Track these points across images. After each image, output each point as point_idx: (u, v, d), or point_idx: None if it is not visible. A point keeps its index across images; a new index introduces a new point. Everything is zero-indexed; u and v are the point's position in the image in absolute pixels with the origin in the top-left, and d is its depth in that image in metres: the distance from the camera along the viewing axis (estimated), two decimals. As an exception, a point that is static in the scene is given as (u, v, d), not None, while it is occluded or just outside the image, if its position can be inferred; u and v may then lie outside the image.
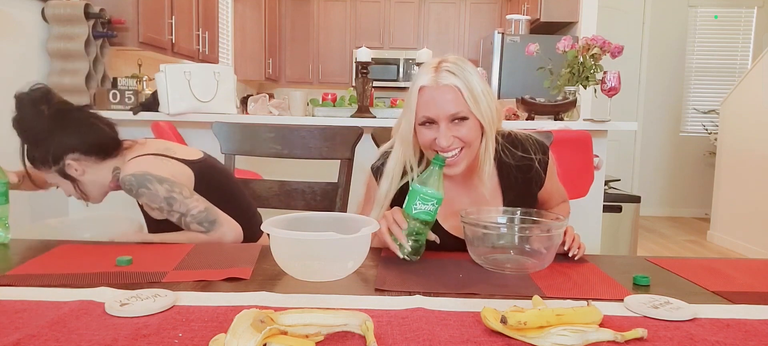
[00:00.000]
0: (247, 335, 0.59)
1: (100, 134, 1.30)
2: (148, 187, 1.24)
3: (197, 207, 1.27)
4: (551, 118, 2.75)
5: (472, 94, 1.06)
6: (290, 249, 0.93)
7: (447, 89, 1.05)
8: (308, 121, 2.73)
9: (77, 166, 1.28)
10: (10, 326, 0.69)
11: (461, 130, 1.07)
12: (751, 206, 4.01)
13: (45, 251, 1.07)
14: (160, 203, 1.25)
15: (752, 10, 5.42)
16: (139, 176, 1.25)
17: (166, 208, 1.26)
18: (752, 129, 4.04)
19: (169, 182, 1.26)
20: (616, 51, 2.64)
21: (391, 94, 5.83)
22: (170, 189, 1.26)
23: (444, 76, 1.06)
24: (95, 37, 2.66)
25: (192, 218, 1.27)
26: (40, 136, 1.24)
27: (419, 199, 1.00)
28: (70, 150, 1.26)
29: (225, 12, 4.83)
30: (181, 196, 1.27)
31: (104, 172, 1.32)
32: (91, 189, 1.33)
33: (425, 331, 0.69)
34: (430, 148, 1.11)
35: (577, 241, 1.08)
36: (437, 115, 1.06)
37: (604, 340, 0.68)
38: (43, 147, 1.25)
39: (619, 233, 3.29)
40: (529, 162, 1.19)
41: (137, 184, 1.24)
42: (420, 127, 1.10)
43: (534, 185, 1.23)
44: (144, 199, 1.26)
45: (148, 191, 1.25)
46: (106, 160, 1.31)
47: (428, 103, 1.07)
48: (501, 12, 5.83)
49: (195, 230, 1.28)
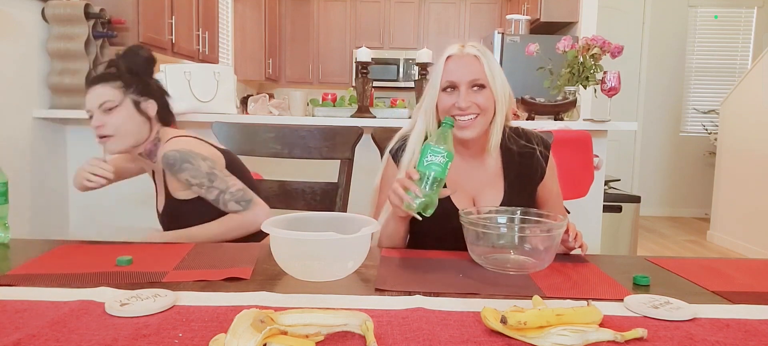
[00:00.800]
0: (247, 335, 0.59)
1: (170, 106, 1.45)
2: (191, 162, 1.32)
3: (235, 185, 1.36)
4: (551, 118, 2.75)
5: (490, 70, 1.20)
6: (290, 249, 0.93)
7: (470, 58, 1.20)
8: (308, 121, 2.73)
9: (151, 109, 1.38)
10: (10, 326, 0.69)
11: (479, 97, 1.19)
12: (751, 206, 4.01)
13: (45, 251, 1.07)
14: (202, 178, 1.32)
15: (752, 10, 5.42)
16: (184, 152, 1.33)
17: (206, 183, 1.33)
18: (752, 129, 4.04)
19: (210, 160, 1.36)
20: (616, 51, 2.64)
21: (391, 94, 5.83)
22: (212, 166, 1.35)
23: (468, 48, 1.21)
24: (95, 37, 2.65)
25: (231, 196, 1.34)
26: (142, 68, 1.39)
27: (430, 152, 1.02)
28: (155, 97, 1.39)
29: (225, 12, 4.83)
30: (222, 174, 1.36)
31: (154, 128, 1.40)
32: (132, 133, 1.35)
33: (425, 331, 0.69)
34: (448, 113, 1.20)
35: (580, 238, 1.08)
36: (459, 79, 1.18)
37: (604, 340, 0.68)
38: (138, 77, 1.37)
39: (619, 233, 3.29)
40: (531, 150, 1.28)
41: (181, 159, 1.32)
42: (442, 94, 1.21)
43: (535, 174, 1.29)
44: (186, 174, 1.32)
45: (191, 166, 1.32)
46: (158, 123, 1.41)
47: (452, 69, 1.20)
48: (501, 12, 5.83)
49: (231, 209, 1.34)
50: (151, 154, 1.41)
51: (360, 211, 1.19)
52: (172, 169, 1.33)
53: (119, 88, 1.34)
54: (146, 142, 1.39)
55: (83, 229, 2.84)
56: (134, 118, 1.35)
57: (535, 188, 1.30)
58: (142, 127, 1.37)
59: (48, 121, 2.66)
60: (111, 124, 1.33)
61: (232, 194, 1.35)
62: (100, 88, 1.34)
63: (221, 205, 1.35)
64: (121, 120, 1.33)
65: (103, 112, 1.33)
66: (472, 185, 1.27)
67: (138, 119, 1.36)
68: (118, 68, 1.36)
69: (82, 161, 1.37)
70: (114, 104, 1.33)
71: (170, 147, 1.35)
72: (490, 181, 1.27)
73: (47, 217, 2.68)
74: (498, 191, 1.26)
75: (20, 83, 2.48)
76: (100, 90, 1.33)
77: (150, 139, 1.39)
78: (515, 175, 1.27)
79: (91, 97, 1.34)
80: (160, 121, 1.41)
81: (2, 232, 1.15)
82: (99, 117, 1.33)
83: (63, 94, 2.61)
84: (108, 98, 1.33)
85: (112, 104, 1.33)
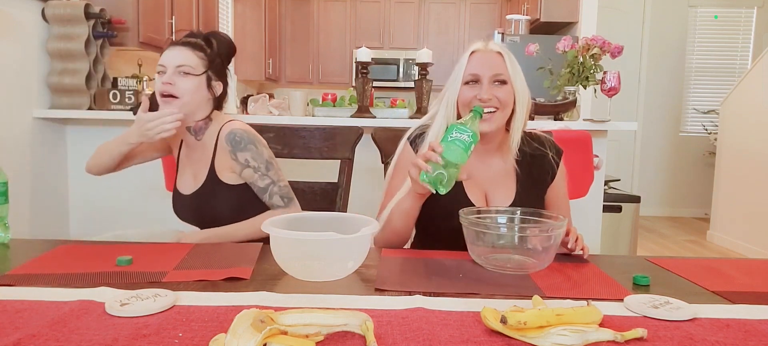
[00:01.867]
0: (247, 335, 0.59)
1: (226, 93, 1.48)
2: (256, 146, 1.38)
3: (284, 181, 1.41)
4: (551, 118, 2.74)
5: (513, 67, 1.23)
6: (290, 249, 0.93)
7: (494, 54, 1.24)
8: (308, 121, 2.73)
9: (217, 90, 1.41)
10: (10, 326, 0.69)
11: (500, 92, 1.21)
12: (751, 206, 4.01)
13: (45, 251, 1.07)
14: (261, 163, 1.37)
15: (752, 10, 5.42)
16: (251, 133, 1.39)
17: (262, 170, 1.37)
18: (752, 129, 4.04)
19: (269, 151, 1.42)
20: (616, 51, 2.64)
21: (391, 94, 5.83)
22: (271, 157, 1.41)
23: (492, 45, 1.25)
24: (95, 37, 2.65)
25: (278, 189, 1.39)
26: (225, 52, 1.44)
27: (456, 130, 1.05)
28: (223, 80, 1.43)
29: (225, 12, 4.83)
30: (277, 165, 1.41)
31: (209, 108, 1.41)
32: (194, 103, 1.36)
33: (425, 331, 0.69)
34: (470, 106, 1.21)
35: (581, 241, 1.09)
36: (482, 72, 1.21)
37: (604, 340, 0.68)
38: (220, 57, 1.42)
39: (619, 233, 3.29)
40: (543, 153, 1.31)
41: (248, 139, 1.37)
42: (464, 87, 1.23)
43: (545, 176, 1.32)
44: (248, 154, 1.36)
45: (255, 149, 1.37)
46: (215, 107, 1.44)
47: (475, 63, 1.23)
48: (501, 12, 5.83)
49: (274, 203, 1.39)
50: (199, 132, 1.42)
51: (360, 211, 1.18)
52: (237, 147, 1.35)
53: (202, 59, 1.37)
54: (201, 119, 1.40)
55: (83, 229, 2.84)
56: (202, 92, 1.37)
57: (545, 191, 1.32)
58: (204, 104, 1.39)
59: (48, 121, 2.66)
60: (181, 87, 1.33)
61: (280, 188, 1.39)
62: (186, 51, 1.35)
63: (266, 195, 1.38)
64: (192, 88, 1.34)
65: (178, 74, 1.33)
66: (485, 180, 1.29)
67: (205, 94, 1.38)
68: (208, 44, 1.40)
69: (81, 161, 1.36)
70: (193, 72, 1.34)
71: (236, 126, 1.38)
72: (502, 179, 1.29)
73: (47, 217, 2.68)
74: (510, 190, 1.28)
75: (20, 83, 2.48)
76: (185, 53, 1.35)
77: (203, 115, 1.41)
78: (527, 176, 1.29)
79: (171, 55, 1.34)
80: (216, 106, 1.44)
81: (2, 232, 1.15)
82: (172, 76, 1.33)
83: (63, 94, 2.61)
84: (189, 63, 1.34)
85: (191, 70, 1.34)
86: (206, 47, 1.39)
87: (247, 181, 1.39)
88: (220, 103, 1.45)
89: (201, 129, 1.41)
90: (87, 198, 2.84)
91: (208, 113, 1.41)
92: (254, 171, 1.37)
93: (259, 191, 1.39)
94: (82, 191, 2.83)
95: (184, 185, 1.45)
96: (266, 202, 1.40)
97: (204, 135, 1.41)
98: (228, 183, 1.39)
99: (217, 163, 1.39)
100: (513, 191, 1.28)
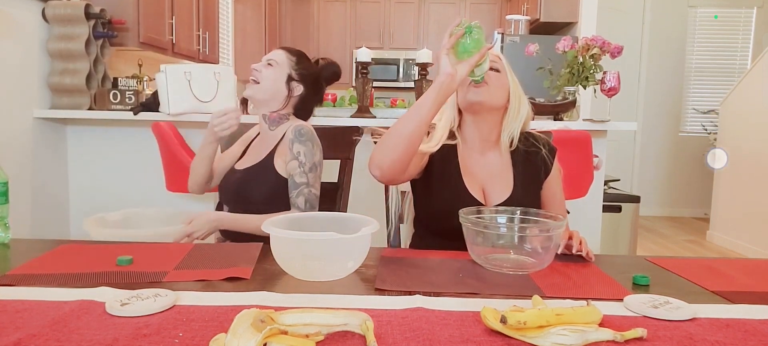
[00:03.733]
0: (247, 335, 0.59)
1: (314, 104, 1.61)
2: (312, 145, 1.46)
3: (317, 190, 1.47)
4: (551, 118, 2.74)
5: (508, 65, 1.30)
6: (290, 249, 0.93)
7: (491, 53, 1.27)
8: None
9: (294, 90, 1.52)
10: (11, 326, 0.69)
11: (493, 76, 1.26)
12: (750, 206, 4.01)
13: (45, 251, 1.07)
14: (310, 161, 1.45)
15: (752, 10, 5.42)
16: (314, 136, 1.48)
17: (306, 168, 1.44)
18: (752, 129, 4.04)
19: (320, 158, 1.50)
20: (616, 51, 2.64)
21: (391, 94, 5.83)
22: (319, 162, 1.49)
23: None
24: (96, 38, 2.65)
25: (308, 192, 1.44)
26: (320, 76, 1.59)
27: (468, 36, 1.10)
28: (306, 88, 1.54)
29: (225, 12, 4.83)
30: (319, 174, 1.49)
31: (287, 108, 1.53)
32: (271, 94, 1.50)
33: (425, 331, 0.69)
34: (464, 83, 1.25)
35: (585, 244, 1.09)
36: None
37: (603, 340, 0.68)
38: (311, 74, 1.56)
39: (619, 233, 3.29)
40: (537, 149, 1.34)
41: (309, 136, 1.46)
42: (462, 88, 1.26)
43: (539, 172, 1.34)
44: (302, 147, 1.44)
45: (311, 148, 1.45)
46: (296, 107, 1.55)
47: None
48: (501, 12, 5.83)
49: (297, 204, 1.43)
50: (273, 123, 1.53)
51: (360, 211, 1.18)
52: (298, 138, 1.44)
53: (289, 59, 1.52)
54: (277, 111, 1.52)
55: (83, 229, 2.83)
56: (279, 84, 1.50)
57: (540, 186, 1.35)
58: (279, 96, 1.51)
59: (48, 121, 2.66)
60: (264, 75, 1.49)
61: (310, 192, 1.44)
62: (279, 51, 1.53)
63: (296, 192, 1.43)
64: (271, 77, 1.49)
65: (265, 64, 1.50)
66: (483, 174, 1.32)
67: (281, 88, 1.50)
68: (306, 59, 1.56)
69: (82, 161, 1.37)
70: (275, 64, 1.50)
71: (306, 124, 1.50)
72: (500, 174, 1.32)
73: (47, 217, 2.68)
74: (507, 185, 1.30)
75: (20, 83, 2.48)
76: (278, 52, 1.53)
77: (281, 111, 1.52)
78: (522, 171, 1.32)
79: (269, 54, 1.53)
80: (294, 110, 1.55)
81: (2, 232, 1.15)
82: (261, 66, 1.50)
83: (63, 94, 2.61)
84: (275, 58, 1.51)
85: (274, 63, 1.50)
86: (303, 57, 1.55)
87: (289, 173, 1.45)
88: (303, 108, 1.56)
89: (275, 121, 1.53)
90: (87, 198, 2.84)
91: (282, 106, 1.51)
92: (299, 165, 1.44)
93: (292, 185, 1.44)
94: (82, 191, 2.83)
95: (242, 163, 1.55)
96: (292, 198, 1.44)
97: (277, 128, 1.53)
98: (277, 170, 1.47)
99: (278, 149, 1.49)
100: (510, 186, 1.30)
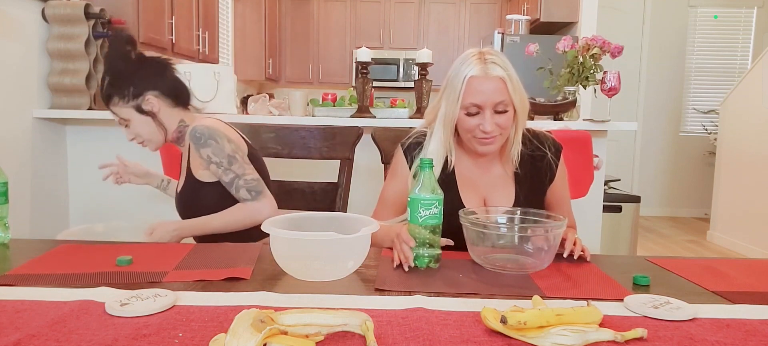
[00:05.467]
0: (247, 335, 0.59)
1: (178, 82, 1.44)
2: (216, 140, 1.36)
3: (251, 174, 1.39)
4: (551, 118, 2.74)
5: (513, 85, 1.17)
6: (290, 249, 0.93)
7: (495, 80, 1.15)
8: (308, 121, 2.73)
9: (155, 103, 1.38)
10: (10, 326, 0.69)
11: (501, 118, 1.17)
12: (751, 206, 4.01)
13: (45, 251, 1.07)
14: (222, 158, 1.36)
15: (752, 10, 5.42)
16: (211, 129, 1.37)
17: (225, 164, 1.36)
18: (752, 129, 4.04)
19: (234, 144, 1.40)
20: (616, 51, 2.63)
21: (391, 94, 5.83)
22: (235, 150, 1.39)
23: (491, 67, 1.15)
24: (95, 37, 2.65)
25: (244, 182, 1.37)
26: (125, 72, 1.37)
27: (421, 206, 1.00)
28: (151, 87, 1.38)
29: (225, 12, 4.83)
30: (242, 159, 1.40)
31: (172, 119, 1.42)
32: (154, 133, 1.41)
33: (425, 331, 0.69)
34: (471, 134, 1.19)
35: (579, 244, 1.09)
36: (484, 103, 1.15)
37: (604, 340, 0.68)
38: (126, 82, 1.37)
39: (619, 233, 3.29)
40: (542, 153, 1.29)
41: (207, 135, 1.36)
42: (464, 115, 1.18)
43: (544, 177, 1.30)
44: (209, 150, 1.36)
45: (215, 143, 1.36)
46: (176, 107, 1.43)
47: (476, 92, 1.15)
48: (501, 12, 5.83)
49: (241, 196, 1.38)
50: (179, 140, 1.45)
51: (360, 211, 1.19)
52: (197, 144, 1.36)
53: (118, 104, 1.38)
54: (171, 134, 1.43)
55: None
56: (142, 121, 1.39)
57: (544, 192, 1.31)
58: (153, 126, 1.41)
59: (48, 121, 2.66)
60: (135, 134, 1.40)
61: (246, 181, 1.38)
62: (111, 110, 1.40)
63: (234, 189, 1.38)
64: (138, 128, 1.40)
65: (124, 128, 1.41)
66: (484, 185, 1.28)
67: (145, 120, 1.39)
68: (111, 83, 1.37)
69: (82, 161, 1.38)
70: (124, 122, 1.39)
71: (200, 122, 1.40)
72: (502, 182, 1.28)
73: (47, 217, 2.68)
74: (509, 193, 1.27)
75: (20, 83, 2.47)
76: (112, 112, 1.40)
77: (171, 130, 1.43)
78: (526, 177, 1.28)
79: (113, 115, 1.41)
80: (177, 107, 1.43)
81: (2, 232, 1.15)
82: (126, 132, 1.42)
83: (63, 94, 2.61)
84: (118, 117, 1.39)
85: (123, 123, 1.39)
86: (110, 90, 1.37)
87: (216, 176, 1.39)
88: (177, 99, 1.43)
89: (177, 138, 1.45)
90: (87, 198, 2.83)
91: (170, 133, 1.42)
92: (217, 166, 1.37)
93: (226, 185, 1.39)
94: (82, 191, 2.83)
95: (180, 184, 1.49)
96: (235, 196, 1.39)
97: (185, 140, 1.44)
98: (205, 181, 1.41)
99: (191, 161, 1.42)
100: (512, 193, 1.27)
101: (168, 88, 1.41)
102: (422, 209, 1.00)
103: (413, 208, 1.01)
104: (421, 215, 1.00)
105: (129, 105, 1.37)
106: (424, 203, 1.00)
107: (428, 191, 1.00)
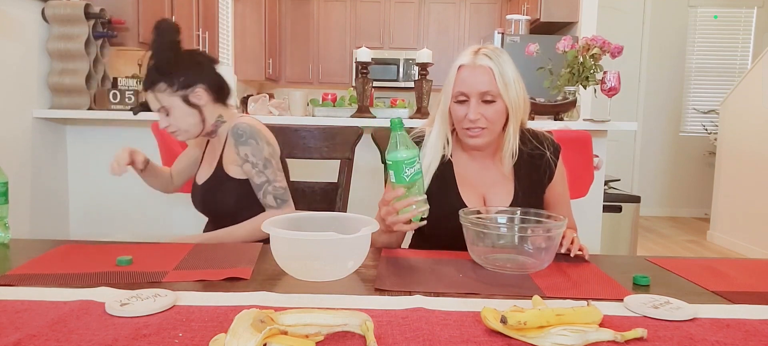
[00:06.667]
0: (247, 335, 0.59)
1: (221, 78, 1.44)
2: (257, 141, 1.39)
3: (281, 182, 1.42)
4: (551, 118, 2.74)
5: (503, 79, 1.17)
6: (290, 249, 0.93)
7: (482, 69, 1.17)
8: (308, 121, 2.73)
9: (203, 96, 1.38)
10: (10, 326, 0.69)
11: (488, 110, 1.18)
12: (751, 206, 4.01)
13: (45, 250, 1.07)
14: (259, 159, 1.38)
15: (752, 10, 5.42)
16: (254, 129, 1.39)
17: (259, 166, 1.38)
18: (752, 129, 4.04)
19: (272, 148, 1.43)
20: (616, 51, 2.63)
21: (391, 94, 5.83)
22: (271, 154, 1.41)
23: (481, 58, 1.18)
24: (95, 37, 2.65)
25: (273, 189, 1.39)
26: (175, 62, 1.36)
27: (406, 166, 1.03)
28: (201, 80, 1.38)
29: (225, 12, 4.83)
30: (276, 165, 1.42)
31: (213, 113, 1.42)
32: (194, 125, 1.39)
33: (425, 331, 0.69)
34: (460, 123, 1.21)
35: (577, 242, 1.09)
36: (469, 90, 1.17)
37: (604, 340, 0.68)
38: (177, 71, 1.35)
39: (619, 233, 3.29)
40: (541, 152, 1.29)
41: (249, 134, 1.38)
42: (454, 104, 1.21)
43: (543, 175, 1.30)
44: (247, 149, 1.38)
45: (255, 144, 1.38)
46: (217, 103, 1.43)
47: (464, 80, 1.18)
48: (501, 12, 5.83)
49: (267, 202, 1.40)
50: (213, 133, 1.46)
51: (360, 211, 1.18)
52: (238, 140, 1.38)
53: (164, 91, 1.35)
54: (208, 127, 1.43)
55: (83, 229, 2.84)
56: (186, 113, 1.38)
57: (543, 191, 1.32)
58: (197, 119, 1.39)
59: (48, 121, 2.66)
60: (172, 123, 1.38)
61: (275, 188, 1.40)
62: (150, 95, 1.37)
63: (261, 194, 1.39)
64: (178, 118, 1.38)
65: (163, 115, 1.38)
66: (483, 183, 1.28)
67: (190, 112, 1.38)
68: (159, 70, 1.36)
69: (81, 161, 1.38)
70: (165, 109, 1.37)
71: (243, 120, 1.42)
72: (501, 181, 1.28)
73: (47, 217, 2.68)
74: (508, 191, 1.27)
75: (20, 83, 2.47)
76: (151, 97, 1.37)
77: (209, 123, 1.42)
78: (525, 176, 1.28)
79: (150, 101, 1.39)
80: (218, 102, 1.43)
81: (2, 232, 1.15)
82: (162, 119, 1.39)
83: (63, 94, 2.61)
84: (159, 105, 1.37)
85: (163, 110, 1.37)
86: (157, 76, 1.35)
87: (247, 175, 1.41)
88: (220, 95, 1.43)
89: (213, 130, 1.45)
90: (87, 198, 2.84)
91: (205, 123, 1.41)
92: (252, 166, 1.39)
93: (255, 187, 1.40)
94: (82, 191, 2.83)
95: (201, 176, 1.50)
96: (260, 200, 1.41)
97: (217, 133, 1.46)
98: (233, 177, 1.42)
99: (224, 156, 1.43)
100: (511, 192, 1.27)
101: (214, 82, 1.41)
102: (407, 168, 1.03)
103: (397, 169, 1.04)
104: (407, 173, 1.03)
105: (176, 94, 1.36)
106: (408, 162, 1.03)
107: (405, 148, 1.03)
